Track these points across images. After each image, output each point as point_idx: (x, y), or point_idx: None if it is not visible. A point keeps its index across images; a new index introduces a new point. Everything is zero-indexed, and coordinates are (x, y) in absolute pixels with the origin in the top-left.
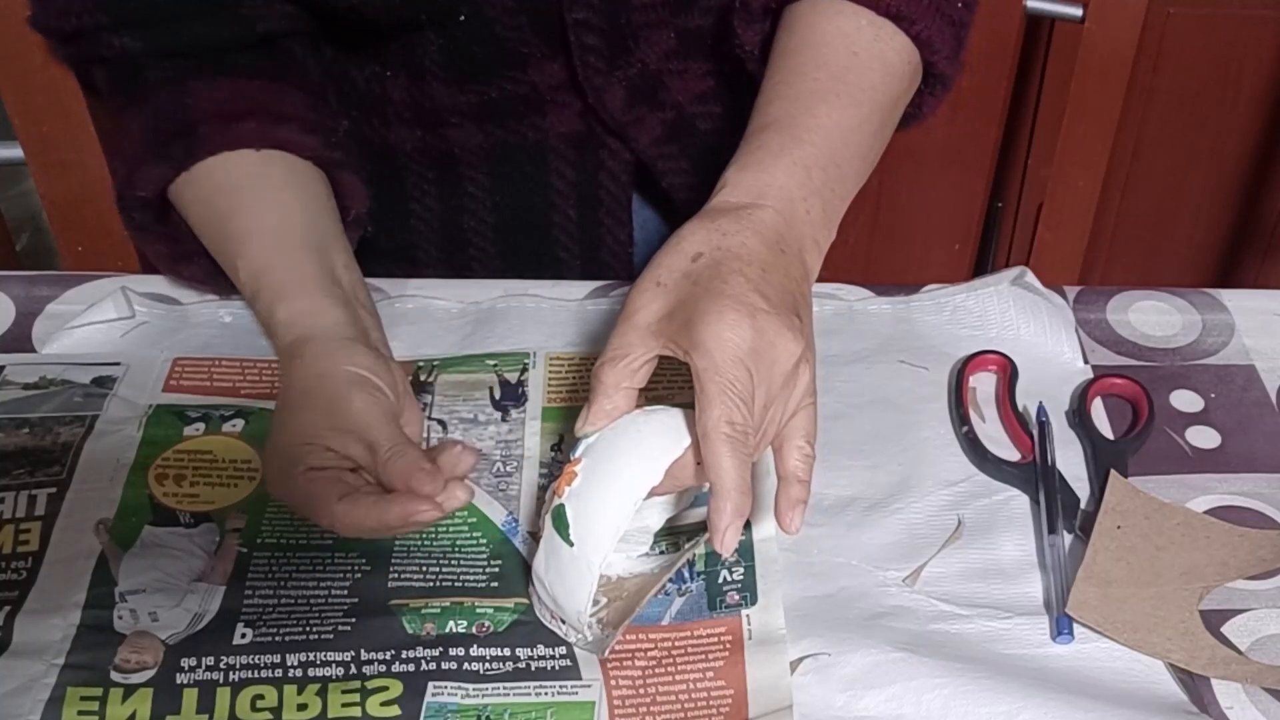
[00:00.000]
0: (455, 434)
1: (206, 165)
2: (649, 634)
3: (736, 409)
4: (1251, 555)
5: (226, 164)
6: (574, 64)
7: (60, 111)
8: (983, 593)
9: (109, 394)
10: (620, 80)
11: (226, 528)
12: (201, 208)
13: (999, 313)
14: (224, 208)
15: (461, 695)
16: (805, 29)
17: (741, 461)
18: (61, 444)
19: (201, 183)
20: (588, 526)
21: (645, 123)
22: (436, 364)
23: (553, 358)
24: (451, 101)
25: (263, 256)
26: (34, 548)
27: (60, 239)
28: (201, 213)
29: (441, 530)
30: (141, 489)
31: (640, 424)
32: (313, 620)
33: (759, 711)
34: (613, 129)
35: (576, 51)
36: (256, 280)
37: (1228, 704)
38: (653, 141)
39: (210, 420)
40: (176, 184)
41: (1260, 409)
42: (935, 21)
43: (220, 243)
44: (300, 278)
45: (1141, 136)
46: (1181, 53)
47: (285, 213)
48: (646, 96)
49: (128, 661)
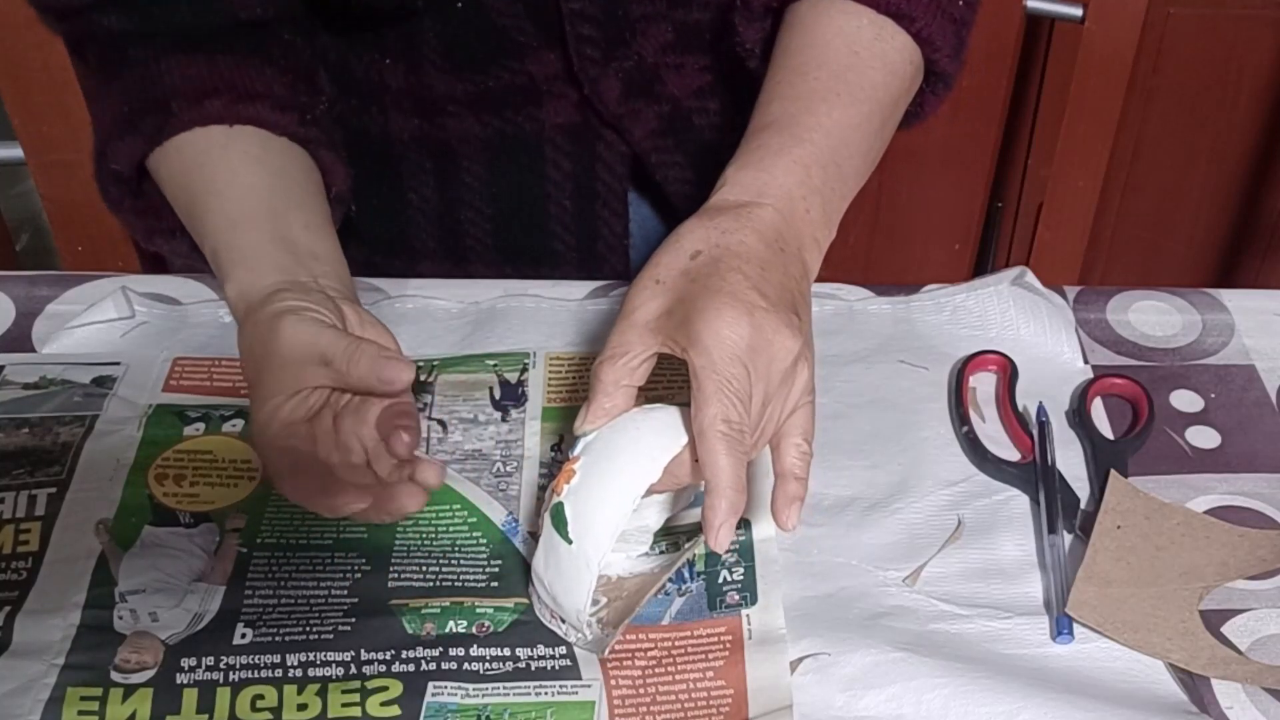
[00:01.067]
0: (455, 434)
1: (178, 142)
2: (649, 634)
3: (733, 406)
4: (1251, 555)
5: (197, 140)
6: (570, 54)
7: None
8: (983, 593)
9: (109, 394)
10: (616, 72)
11: (226, 528)
12: (173, 185)
13: (999, 313)
14: (192, 186)
15: (461, 695)
16: (806, 28)
17: (737, 459)
18: (61, 444)
19: (172, 159)
20: (586, 524)
21: (641, 116)
22: (436, 364)
23: (553, 358)
24: (448, 90)
25: (218, 233)
26: (34, 548)
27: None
28: (173, 191)
29: (441, 530)
30: (141, 489)
31: (639, 422)
32: (313, 620)
33: (759, 711)
34: (609, 121)
35: (573, 42)
36: (216, 259)
37: (1228, 704)
38: (648, 135)
39: (210, 420)
40: (153, 160)
41: (1260, 409)
42: (936, 19)
43: (191, 224)
44: (245, 247)
45: (1141, 136)
46: (1181, 53)
47: (245, 185)
48: (643, 89)
49: (128, 661)
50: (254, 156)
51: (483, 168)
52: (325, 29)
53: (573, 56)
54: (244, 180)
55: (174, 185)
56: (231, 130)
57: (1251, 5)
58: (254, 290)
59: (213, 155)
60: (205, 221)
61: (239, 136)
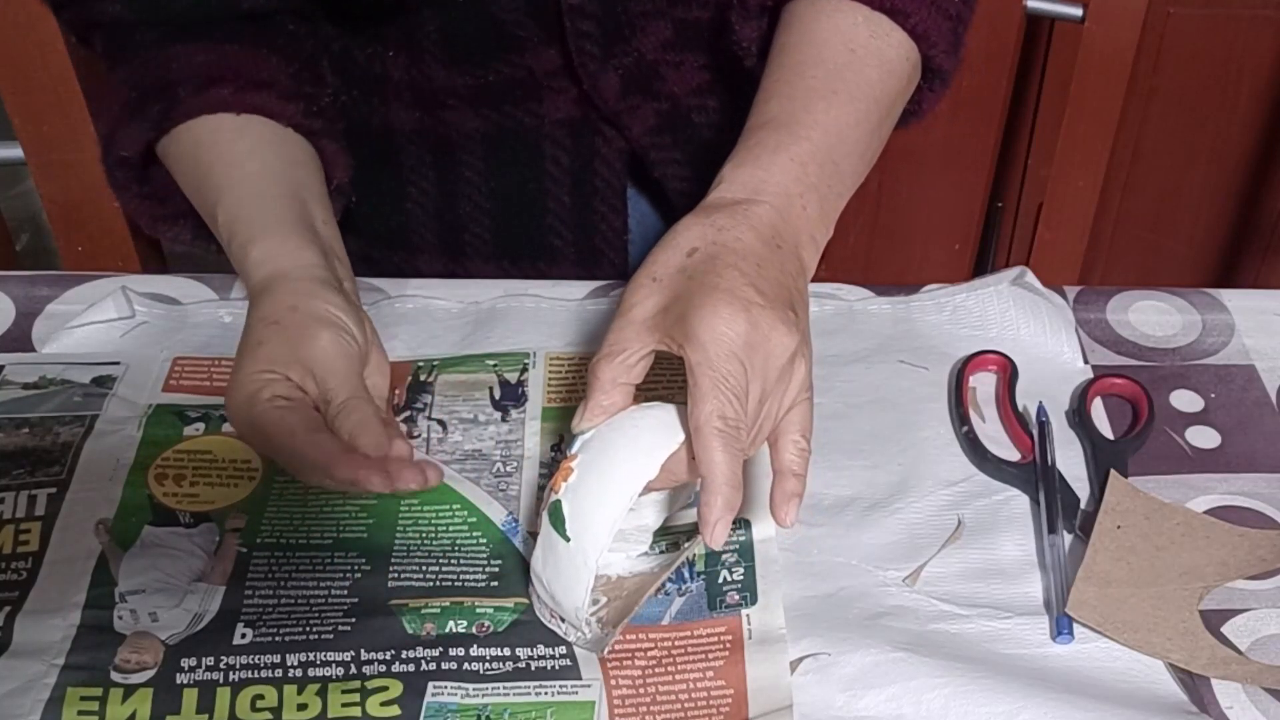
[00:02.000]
0: (455, 434)
1: (188, 124)
2: (649, 634)
3: (729, 403)
4: (1251, 555)
5: (208, 122)
6: (570, 50)
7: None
8: (983, 593)
9: (109, 393)
10: (615, 69)
11: (226, 528)
12: (184, 162)
13: (999, 313)
14: (205, 160)
15: (461, 695)
16: (803, 27)
17: (733, 455)
18: (61, 444)
19: (183, 139)
20: (584, 522)
21: (640, 112)
22: (436, 364)
23: (553, 358)
24: (449, 83)
25: (241, 202)
26: (34, 548)
27: (60, 239)
28: (184, 167)
29: (441, 530)
30: (141, 489)
31: (636, 419)
32: (313, 620)
33: (759, 711)
34: (608, 117)
35: (572, 38)
36: (232, 225)
37: (1227, 704)
38: (646, 131)
39: (210, 420)
40: (163, 144)
41: (1260, 409)
42: (930, 15)
43: (201, 195)
44: (277, 219)
45: (1141, 136)
46: (1181, 53)
47: (264, 162)
48: (641, 86)
49: (128, 661)
50: (268, 141)
51: (482, 161)
52: (327, 20)
53: (572, 52)
54: (262, 159)
55: (186, 160)
56: (240, 118)
57: (1251, 5)
58: (286, 260)
59: (226, 134)
60: (224, 192)
61: (249, 123)
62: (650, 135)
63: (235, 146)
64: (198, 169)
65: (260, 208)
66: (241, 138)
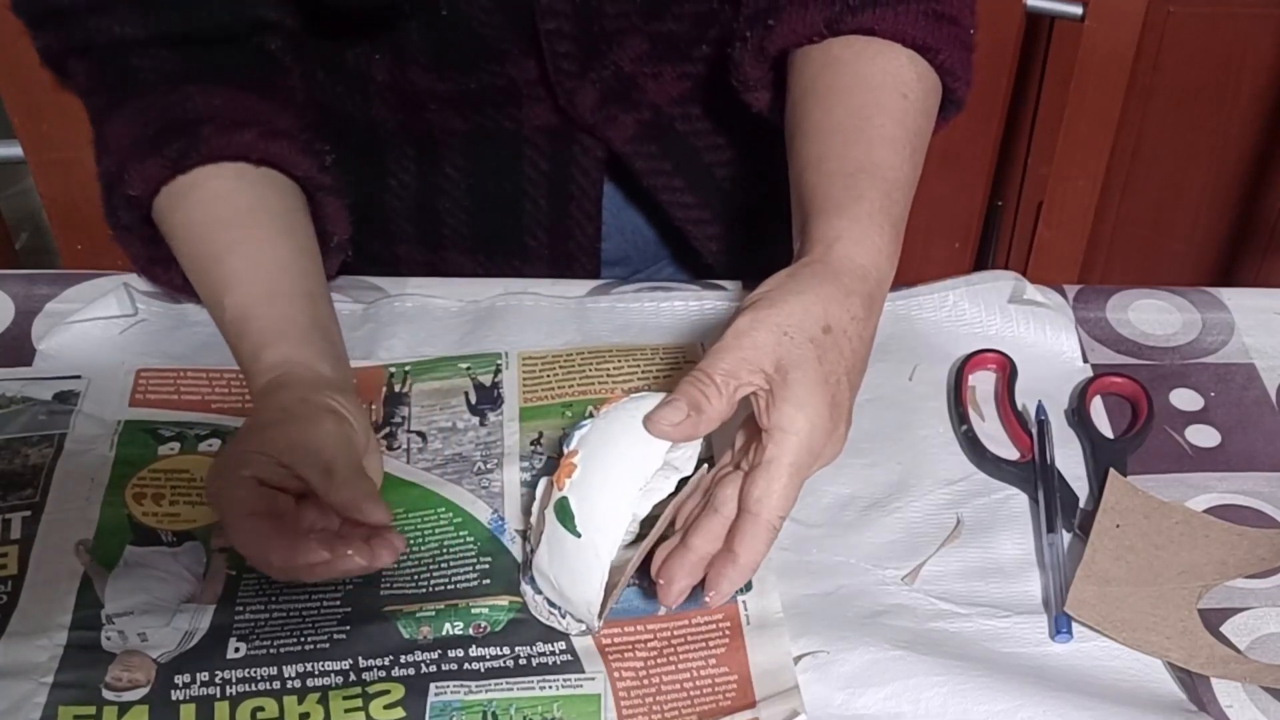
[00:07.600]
0: (435, 443)
1: (200, 189)
2: (647, 625)
3: (790, 505)
4: (1251, 554)
5: (221, 193)
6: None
7: (60, 111)
8: (981, 591)
9: (74, 410)
10: (593, 81)
11: (213, 547)
12: (191, 238)
13: (998, 311)
14: (219, 241)
15: (465, 692)
16: (853, 71)
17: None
18: (31, 466)
19: (192, 209)
20: (593, 516)
21: (619, 122)
22: (409, 369)
23: (525, 357)
24: (432, 88)
25: (252, 301)
26: (13, 571)
27: (60, 238)
28: (190, 241)
29: (428, 534)
30: (120, 509)
31: (632, 411)
32: (307, 631)
33: (765, 694)
34: (585, 127)
35: (549, 56)
36: (243, 323)
37: (1227, 703)
38: (628, 140)
39: (185, 440)
40: (161, 202)
41: (1260, 408)
42: (956, 50)
43: (207, 277)
44: (292, 326)
45: (1141, 136)
46: (1181, 52)
47: (276, 254)
48: (619, 97)
49: (119, 680)
50: (280, 223)
51: (463, 159)
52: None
53: (549, 66)
54: (274, 250)
55: (192, 240)
56: (248, 178)
57: (1251, 4)
58: (304, 371)
59: (239, 216)
60: (234, 286)
61: (262, 188)
62: (633, 144)
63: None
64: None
65: (273, 313)
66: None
